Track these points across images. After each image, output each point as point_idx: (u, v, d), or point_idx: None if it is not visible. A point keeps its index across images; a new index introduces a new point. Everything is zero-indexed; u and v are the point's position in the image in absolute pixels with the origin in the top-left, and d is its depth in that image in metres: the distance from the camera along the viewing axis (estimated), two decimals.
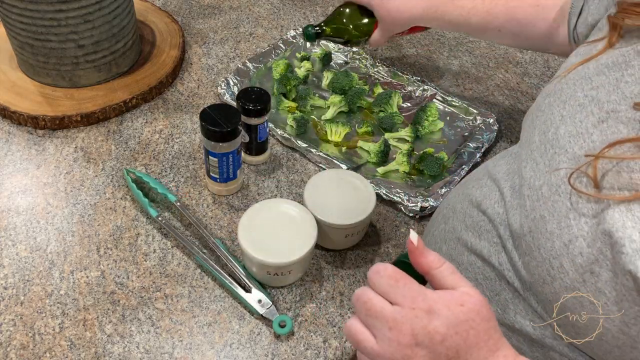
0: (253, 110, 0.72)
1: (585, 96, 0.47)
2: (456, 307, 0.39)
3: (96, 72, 0.86)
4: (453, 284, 0.41)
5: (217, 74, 0.94)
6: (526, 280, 0.50)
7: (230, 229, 0.71)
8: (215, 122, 0.67)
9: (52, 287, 0.64)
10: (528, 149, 0.52)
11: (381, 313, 0.40)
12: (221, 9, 1.10)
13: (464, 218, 0.59)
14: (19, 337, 0.59)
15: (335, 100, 0.88)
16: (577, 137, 0.46)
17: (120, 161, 0.78)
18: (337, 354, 0.61)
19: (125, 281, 0.65)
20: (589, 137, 0.45)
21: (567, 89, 0.50)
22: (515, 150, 0.58)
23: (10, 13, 0.78)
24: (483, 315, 0.40)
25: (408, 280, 0.41)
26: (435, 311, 0.39)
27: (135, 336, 0.60)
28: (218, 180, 0.73)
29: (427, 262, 0.42)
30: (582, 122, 0.46)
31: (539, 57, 1.06)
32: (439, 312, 0.39)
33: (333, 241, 0.68)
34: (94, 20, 0.80)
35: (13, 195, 0.73)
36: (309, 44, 1.02)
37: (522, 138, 0.55)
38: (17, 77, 0.87)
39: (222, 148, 0.69)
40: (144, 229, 0.71)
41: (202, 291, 0.65)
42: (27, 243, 0.68)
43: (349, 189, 0.69)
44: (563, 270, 0.44)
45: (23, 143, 0.80)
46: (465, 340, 0.39)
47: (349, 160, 0.82)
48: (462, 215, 0.60)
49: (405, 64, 1.01)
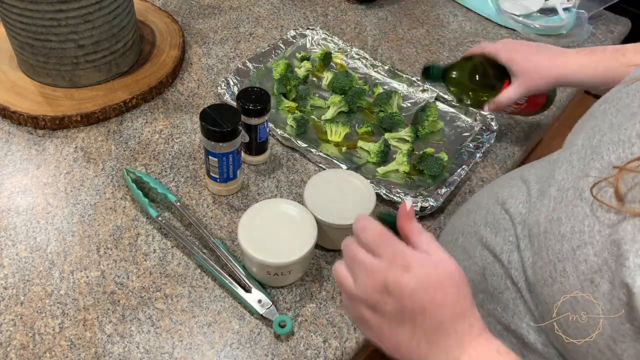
0: (253, 110, 0.72)
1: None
2: (430, 267, 0.42)
3: (96, 72, 0.86)
4: (429, 250, 0.44)
5: (217, 74, 0.94)
6: (530, 280, 0.50)
7: (230, 229, 0.71)
8: (215, 122, 0.67)
9: (52, 287, 0.64)
10: (568, 152, 0.51)
11: (362, 261, 0.44)
12: (221, 9, 1.10)
13: (486, 214, 0.60)
14: (19, 337, 0.59)
15: (335, 100, 0.88)
16: (617, 146, 0.44)
17: (120, 161, 0.78)
18: (337, 354, 0.61)
19: (125, 281, 0.65)
20: (629, 148, 0.43)
21: (625, 97, 0.48)
22: (554, 157, 0.57)
23: (10, 13, 0.78)
24: (455, 281, 0.42)
25: (392, 240, 0.44)
26: (410, 268, 0.42)
27: (135, 336, 0.60)
28: (218, 180, 0.73)
29: (410, 227, 0.45)
30: (627, 131, 0.44)
31: None
32: (412, 269, 0.42)
33: (333, 241, 0.68)
34: (94, 20, 0.80)
35: (13, 195, 0.73)
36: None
37: (566, 142, 0.54)
38: (17, 77, 0.87)
39: (222, 148, 0.69)
40: (144, 229, 0.71)
41: (202, 291, 0.65)
42: (27, 243, 0.68)
43: (349, 189, 0.69)
44: (565, 274, 0.44)
45: (23, 143, 0.80)
46: (432, 300, 0.41)
47: (349, 160, 0.82)
48: (484, 211, 0.61)
49: (405, 64, 1.01)
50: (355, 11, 1.14)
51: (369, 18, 1.12)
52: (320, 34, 1.03)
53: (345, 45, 1.01)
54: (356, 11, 1.14)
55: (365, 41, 1.06)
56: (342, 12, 1.13)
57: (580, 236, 0.43)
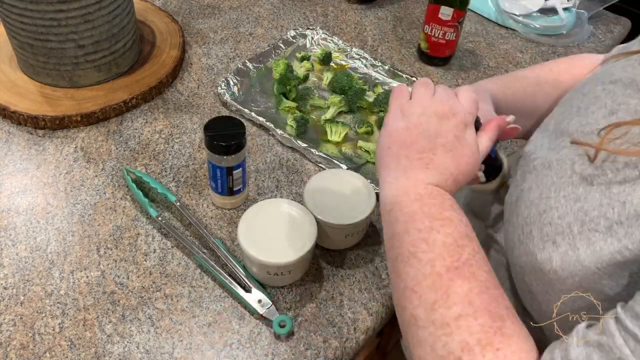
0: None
1: (603, 89, 0.49)
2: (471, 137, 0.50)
3: (96, 72, 0.86)
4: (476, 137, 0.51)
5: (217, 74, 0.94)
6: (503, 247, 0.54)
7: (230, 228, 0.71)
8: (221, 136, 0.65)
9: (52, 287, 0.64)
10: (539, 132, 0.54)
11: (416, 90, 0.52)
12: (221, 9, 1.10)
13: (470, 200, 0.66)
14: (19, 337, 0.59)
15: (335, 100, 0.88)
16: (585, 127, 0.47)
17: (120, 161, 0.78)
18: (337, 354, 0.61)
19: (125, 281, 0.65)
20: (596, 128, 0.46)
21: (589, 83, 0.52)
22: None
23: (10, 13, 0.78)
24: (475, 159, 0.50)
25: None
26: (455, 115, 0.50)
27: (135, 336, 0.60)
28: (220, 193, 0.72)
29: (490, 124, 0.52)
30: (594, 114, 0.47)
31: (539, 58, 1.06)
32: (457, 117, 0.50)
33: (333, 241, 0.68)
34: (94, 20, 0.80)
35: (13, 195, 0.73)
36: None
37: (541, 125, 0.57)
38: (17, 77, 0.87)
39: (228, 162, 0.67)
40: (144, 229, 0.71)
41: (202, 291, 0.65)
42: (27, 243, 0.68)
43: (349, 189, 0.69)
44: (530, 236, 0.46)
45: (23, 143, 0.80)
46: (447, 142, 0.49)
47: (349, 160, 0.82)
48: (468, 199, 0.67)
49: (405, 64, 1.01)
50: (355, 11, 1.14)
51: (369, 18, 1.12)
52: (320, 34, 1.03)
53: (345, 45, 1.01)
54: (356, 11, 1.14)
55: (365, 41, 1.06)
56: (342, 12, 1.13)
57: (547, 202, 0.46)
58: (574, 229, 0.42)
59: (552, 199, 0.45)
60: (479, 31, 1.13)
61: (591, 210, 0.42)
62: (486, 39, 1.10)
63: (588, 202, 0.42)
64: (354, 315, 0.64)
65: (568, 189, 0.44)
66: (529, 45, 1.09)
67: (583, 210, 0.42)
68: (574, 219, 0.43)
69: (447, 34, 0.96)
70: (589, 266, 0.41)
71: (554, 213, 0.45)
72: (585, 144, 0.45)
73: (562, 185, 0.45)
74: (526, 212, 0.48)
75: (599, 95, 0.48)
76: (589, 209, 0.42)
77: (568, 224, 0.43)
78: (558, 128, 0.51)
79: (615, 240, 0.39)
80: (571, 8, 1.13)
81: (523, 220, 0.48)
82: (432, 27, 0.96)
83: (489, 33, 1.12)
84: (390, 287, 0.67)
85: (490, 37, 1.11)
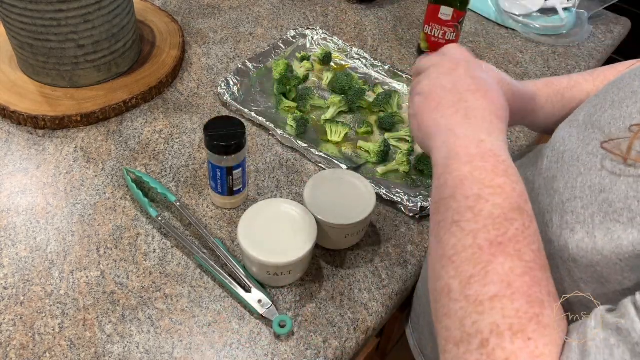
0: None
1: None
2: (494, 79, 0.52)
3: (96, 72, 0.86)
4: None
5: (217, 74, 0.94)
6: None
7: (230, 229, 0.71)
8: (221, 136, 0.65)
9: (52, 287, 0.64)
10: (566, 123, 0.54)
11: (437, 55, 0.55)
12: (221, 9, 1.10)
13: None
14: (19, 337, 0.59)
15: (335, 100, 0.88)
16: (618, 120, 0.46)
17: (120, 161, 0.78)
18: (337, 354, 0.61)
19: (125, 281, 0.65)
20: (630, 122, 0.45)
21: (627, 77, 0.51)
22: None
23: (10, 13, 0.78)
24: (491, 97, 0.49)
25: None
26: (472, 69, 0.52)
27: (135, 336, 0.60)
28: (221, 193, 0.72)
29: None
30: (629, 108, 0.46)
31: (539, 57, 1.06)
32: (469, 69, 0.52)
33: (333, 241, 0.68)
34: (94, 20, 0.80)
35: (13, 195, 0.73)
36: (309, 44, 1.01)
37: (569, 116, 0.56)
38: (17, 77, 0.87)
39: (228, 162, 0.68)
40: (144, 229, 0.71)
41: (202, 291, 0.65)
42: (27, 243, 0.68)
43: (349, 189, 0.69)
44: (551, 223, 0.46)
45: (23, 143, 0.80)
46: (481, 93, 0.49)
47: (349, 160, 0.82)
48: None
49: (405, 64, 1.01)
50: (355, 11, 1.14)
51: (369, 18, 1.12)
52: (320, 34, 1.03)
53: (345, 45, 1.01)
54: (356, 11, 1.14)
55: (365, 41, 1.06)
56: (342, 12, 1.13)
57: (572, 191, 0.45)
58: (596, 220, 0.42)
59: (578, 189, 0.45)
60: (479, 31, 1.13)
61: (616, 202, 0.41)
62: (486, 39, 1.10)
63: (614, 193, 0.41)
64: (354, 315, 0.64)
65: (595, 180, 0.44)
66: (529, 45, 1.09)
67: (608, 201, 0.41)
68: (598, 210, 0.42)
69: (447, 34, 0.96)
70: (609, 256, 0.40)
71: (578, 203, 0.44)
72: (615, 154, 0.44)
73: (589, 176, 0.44)
74: (547, 200, 0.47)
75: (636, 90, 0.47)
76: (614, 200, 0.41)
77: (591, 215, 0.42)
78: (589, 120, 0.50)
79: (636, 232, 0.39)
80: (571, 8, 1.13)
81: (544, 208, 0.47)
82: (432, 27, 0.97)
83: (489, 33, 1.12)
84: (390, 287, 0.67)
85: (490, 37, 1.11)
